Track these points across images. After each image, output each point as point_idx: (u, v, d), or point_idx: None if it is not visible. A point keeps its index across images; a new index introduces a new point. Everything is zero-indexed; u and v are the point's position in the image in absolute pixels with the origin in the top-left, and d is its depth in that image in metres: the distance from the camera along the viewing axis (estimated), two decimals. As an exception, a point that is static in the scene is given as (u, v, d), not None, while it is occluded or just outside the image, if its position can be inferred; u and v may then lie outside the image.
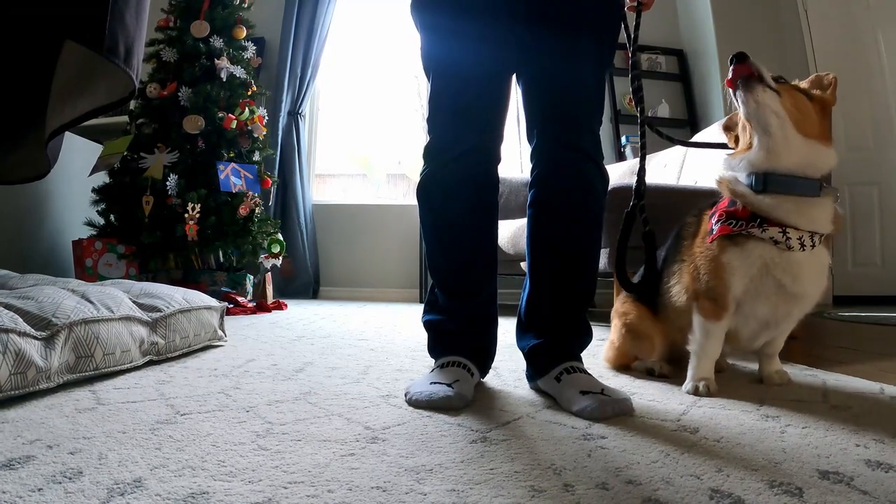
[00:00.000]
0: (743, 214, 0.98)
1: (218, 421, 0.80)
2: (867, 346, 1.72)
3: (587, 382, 0.93)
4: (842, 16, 3.93)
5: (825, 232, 0.97)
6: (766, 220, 0.96)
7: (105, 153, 2.59)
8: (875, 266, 3.83)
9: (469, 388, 0.97)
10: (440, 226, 1.10)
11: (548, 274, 1.06)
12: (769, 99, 0.96)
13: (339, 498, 0.54)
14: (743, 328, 1.06)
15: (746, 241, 0.98)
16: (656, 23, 4.36)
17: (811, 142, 0.96)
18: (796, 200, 0.95)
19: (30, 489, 0.53)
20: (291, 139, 4.04)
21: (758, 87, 0.97)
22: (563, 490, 0.57)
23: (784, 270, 0.97)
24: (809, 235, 0.95)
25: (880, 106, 3.87)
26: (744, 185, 0.99)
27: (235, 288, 2.90)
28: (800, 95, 0.99)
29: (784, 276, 0.98)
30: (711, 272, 1.02)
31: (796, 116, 0.96)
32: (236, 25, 3.13)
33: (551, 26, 1.03)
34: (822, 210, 0.97)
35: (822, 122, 0.99)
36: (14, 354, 0.86)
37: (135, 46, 0.73)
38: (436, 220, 1.10)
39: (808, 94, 1.00)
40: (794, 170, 0.96)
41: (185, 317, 1.40)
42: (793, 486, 0.58)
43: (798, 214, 0.95)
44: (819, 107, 0.99)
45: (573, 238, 1.05)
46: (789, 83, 1.01)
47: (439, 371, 1.02)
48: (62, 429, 0.74)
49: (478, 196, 1.09)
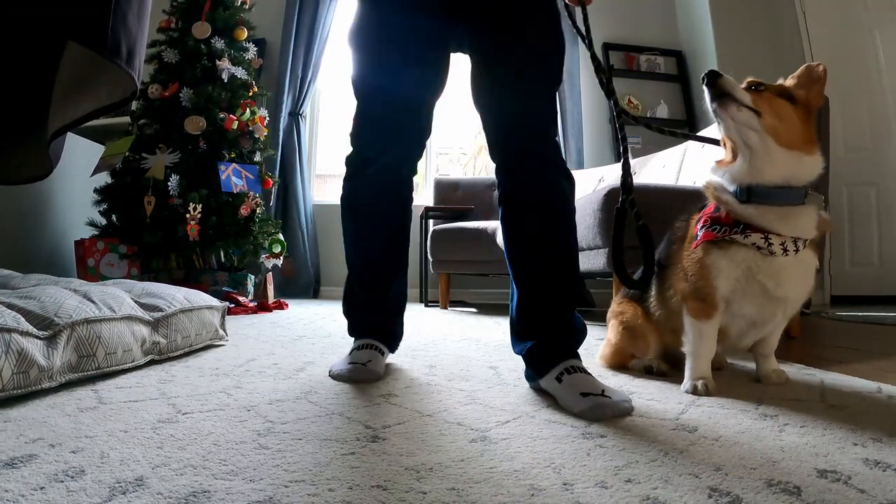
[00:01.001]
0: (727, 220, 0.98)
1: (219, 420, 0.80)
2: (865, 346, 1.73)
3: (588, 384, 0.94)
4: (840, 17, 3.93)
5: (809, 237, 0.97)
6: (749, 226, 0.96)
7: (107, 154, 2.60)
8: (873, 266, 3.83)
9: (380, 365, 1.18)
10: (360, 231, 1.24)
11: (531, 278, 1.08)
12: (745, 117, 0.95)
13: (339, 496, 0.54)
14: (731, 327, 1.07)
15: (730, 245, 0.98)
16: (655, 24, 4.37)
17: (794, 153, 0.95)
18: (780, 209, 0.95)
19: (32, 488, 0.54)
20: (292, 140, 4.04)
21: (731, 105, 0.96)
22: (562, 488, 0.57)
23: (767, 274, 0.97)
24: (792, 241, 0.95)
25: (878, 106, 3.87)
26: (728, 194, 0.99)
27: (237, 288, 2.91)
28: (780, 102, 0.97)
29: (767, 280, 0.98)
30: (698, 273, 1.03)
31: (776, 129, 0.95)
32: (237, 27, 3.14)
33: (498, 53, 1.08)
34: (806, 217, 0.96)
35: (805, 126, 0.96)
36: (16, 354, 0.87)
37: (137, 47, 0.74)
38: (356, 227, 1.24)
39: (791, 96, 0.98)
40: (778, 182, 0.95)
41: (187, 316, 1.41)
42: (791, 485, 0.58)
43: (781, 222, 0.95)
44: (803, 110, 0.97)
45: (550, 240, 1.07)
46: (770, 88, 0.98)
47: (356, 352, 1.21)
48: (64, 428, 0.74)
49: (393, 206, 1.22)
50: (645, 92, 4.19)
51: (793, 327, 1.93)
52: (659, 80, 4.23)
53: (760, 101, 0.96)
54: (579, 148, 4.10)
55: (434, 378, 1.16)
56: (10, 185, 1.09)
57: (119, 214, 2.87)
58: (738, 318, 1.05)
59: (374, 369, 1.15)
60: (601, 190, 2.14)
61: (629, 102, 4.12)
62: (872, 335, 2.01)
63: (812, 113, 0.98)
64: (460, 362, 1.36)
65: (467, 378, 1.16)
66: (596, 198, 2.11)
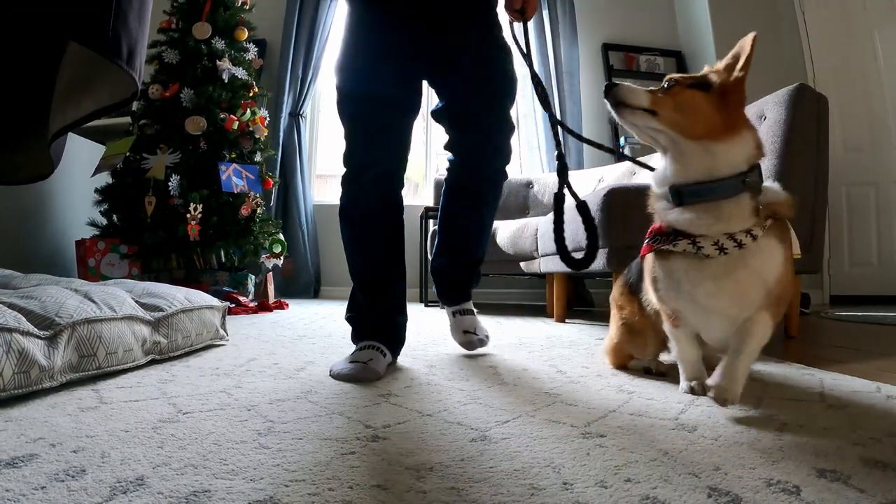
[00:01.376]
0: (664, 230, 0.94)
1: (220, 419, 0.80)
2: (864, 346, 1.73)
3: (468, 323, 1.49)
4: (839, 17, 3.93)
5: (741, 229, 0.86)
6: (679, 232, 0.91)
7: (108, 154, 2.60)
8: (872, 266, 3.83)
9: (381, 365, 1.19)
10: (359, 240, 1.36)
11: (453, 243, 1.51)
12: (641, 119, 0.91)
13: (339, 496, 0.54)
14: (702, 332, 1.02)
15: (669, 254, 0.93)
16: (654, 25, 4.37)
17: (710, 143, 0.87)
18: (707, 206, 0.87)
19: (33, 487, 0.54)
20: (292, 140, 4.05)
21: (626, 112, 0.92)
22: (562, 488, 0.57)
23: (694, 283, 0.91)
24: (728, 237, 0.86)
25: (878, 107, 3.87)
26: (660, 201, 0.94)
27: (237, 287, 2.91)
28: (687, 94, 0.90)
29: (693, 289, 0.91)
30: (648, 286, 1.01)
31: (679, 123, 0.88)
32: (238, 27, 3.14)
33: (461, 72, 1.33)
34: (733, 209, 0.87)
35: (722, 113, 0.88)
36: (17, 353, 0.87)
37: (137, 48, 0.74)
38: (355, 236, 1.36)
39: (705, 84, 0.91)
40: (699, 177, 0.88)
41: (188, 316, 1.41)
42: (790, 485, 0.58)
43: (707, 222, 0.87)
44: (718, 94, 0.89)
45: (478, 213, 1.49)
46: (682, 81, 0.93)
47: (357, 352, 1.23)
48: (65, 427, 0.74)
49: (388, 213, 1.35)
50: (645, 92, 4.19)
51: (792, 327, 1.93)
52: (659, 81, 4.22)
53: (664, 98, 0.91)
54: (579, 148, 4.10)
55: (434, 378, 1.16)
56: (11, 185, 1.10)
57: (120, 214, 2.87)
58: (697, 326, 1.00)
59: (375, 368, 1.16)
60: (601, 190, 2.14)
61: (629, 103, 4.12)
62: (871, 335, 2.01)
63: (732, 94, 0.89)
64: (460, 362, 1.36)
65: (467, 378, 1.16)
66: (595, 198, 2.11)
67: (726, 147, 0.87)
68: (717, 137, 0.87)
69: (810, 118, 1.91)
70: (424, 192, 4.30)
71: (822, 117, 1.94)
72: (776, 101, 1.92)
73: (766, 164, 1.91)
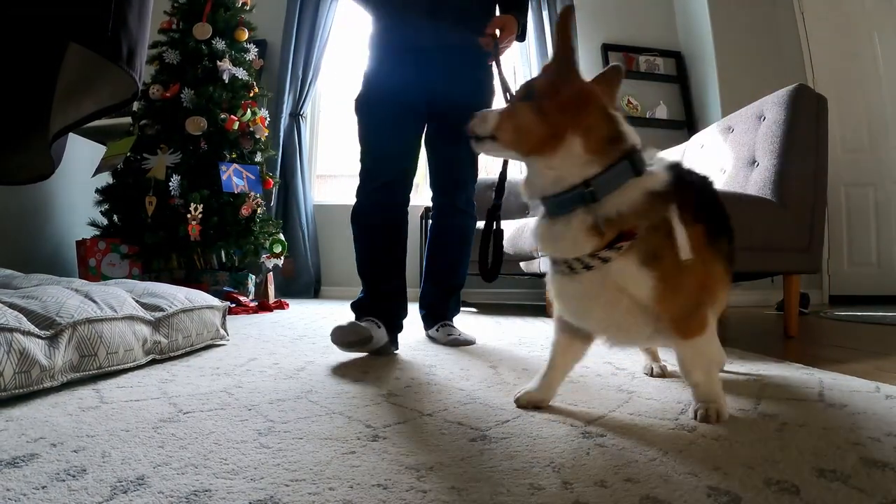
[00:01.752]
0: None
1: (220, 419, 0.80)
2: (863, 346, 1.73)
3: (451, 331, 1.73)
4: (838, 18, 3.94)
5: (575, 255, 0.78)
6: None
7: (108, 154, 2.60)
8: (871, 266, 3.84)
9: (376, 333, 1.40)
10: (366, 241, 1.60)
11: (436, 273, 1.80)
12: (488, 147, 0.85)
13: (340, 495, 0.54)
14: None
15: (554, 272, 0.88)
16: (654, 25, 4.37)
17: (537, 158, 0.80)
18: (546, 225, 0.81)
19: (34, 487, 0.54)
20: (293, 140, 4.05)
21: (476, 145, 0.87)
22: (561, 487, 0.58)
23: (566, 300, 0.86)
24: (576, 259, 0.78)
25: (876, 107, 3.88)
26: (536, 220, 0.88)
27: (237, 287, 2.91)
28: (517, 108, 0.83)
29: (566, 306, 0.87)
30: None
31: (516, 141, 0.82)
32: (238, 28, 3.15)
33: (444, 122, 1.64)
34: (564, 230, 0.78)
35: (546, 120, 0.78)
36: (18, 353, 0.87)
37: (138, 48, 0.74)
38: (364, 237, 1.60)
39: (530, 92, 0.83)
40: (546, 191, 0.80)
41: (188, 316, 1.41)
42: (790, 484, 0.58)
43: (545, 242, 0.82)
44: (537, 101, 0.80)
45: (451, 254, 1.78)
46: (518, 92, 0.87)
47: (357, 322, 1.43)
48: (66, 427, 0.74)
49: (391, 216, 1.59)
50: (644, 93, 4.20)
51: (791, 327, 1.93)
52: (658, 81, 4.23)
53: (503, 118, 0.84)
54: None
55: (434, 378, 1.16)
56: (12, 185, 1.10)
57: (120, 214, 2.87)
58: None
59: (368, 329, 1.37)
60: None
61: (628, 103, 4.12)
62: (871, 335, 2.01)
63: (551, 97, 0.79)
64: (460, 362, 1.36)
65: (467, 378, 1.16)
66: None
67: (546, 160, 0.79)
68: (541, 151, 0.79)
69: (809, 118, 1.91)
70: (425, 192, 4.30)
71: (821, 117, 1.94)
72: (775, 101, 1.92)
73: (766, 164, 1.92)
